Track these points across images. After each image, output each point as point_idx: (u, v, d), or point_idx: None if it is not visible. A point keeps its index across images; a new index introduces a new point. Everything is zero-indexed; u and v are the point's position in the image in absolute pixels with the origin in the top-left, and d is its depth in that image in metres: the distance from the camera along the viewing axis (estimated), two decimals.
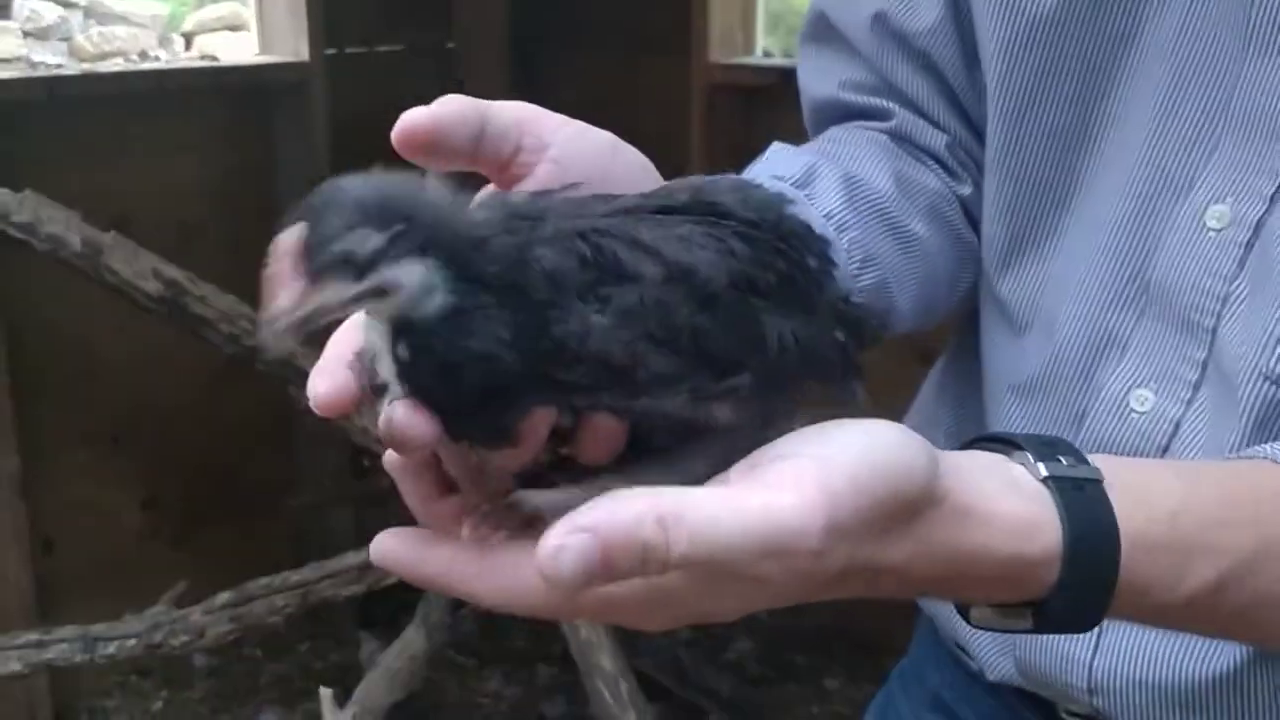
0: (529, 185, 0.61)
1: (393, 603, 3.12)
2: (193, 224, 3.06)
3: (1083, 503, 0.60)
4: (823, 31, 1.03)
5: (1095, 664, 0.89)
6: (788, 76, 1.12)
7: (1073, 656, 0.90)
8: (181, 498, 3.29)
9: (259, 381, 2.62)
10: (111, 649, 2.33)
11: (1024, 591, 0.60)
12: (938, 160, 0.99)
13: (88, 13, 3.97)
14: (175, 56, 3.81)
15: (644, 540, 0.49)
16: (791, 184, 0.88)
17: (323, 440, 3.29)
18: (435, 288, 0.52)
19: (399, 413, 0.54)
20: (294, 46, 3.20)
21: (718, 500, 0.51)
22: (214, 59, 3.33)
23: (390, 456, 0.59)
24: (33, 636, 2.32)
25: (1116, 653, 0.88)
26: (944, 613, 1.03)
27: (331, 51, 3.26)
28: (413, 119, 0.59)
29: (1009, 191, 0.94)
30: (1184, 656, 0.86)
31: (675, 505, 0.50)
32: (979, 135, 0.99)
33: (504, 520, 0.58)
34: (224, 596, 2.42)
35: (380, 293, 0.52)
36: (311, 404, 0.57)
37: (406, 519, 0.61)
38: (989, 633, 0.89)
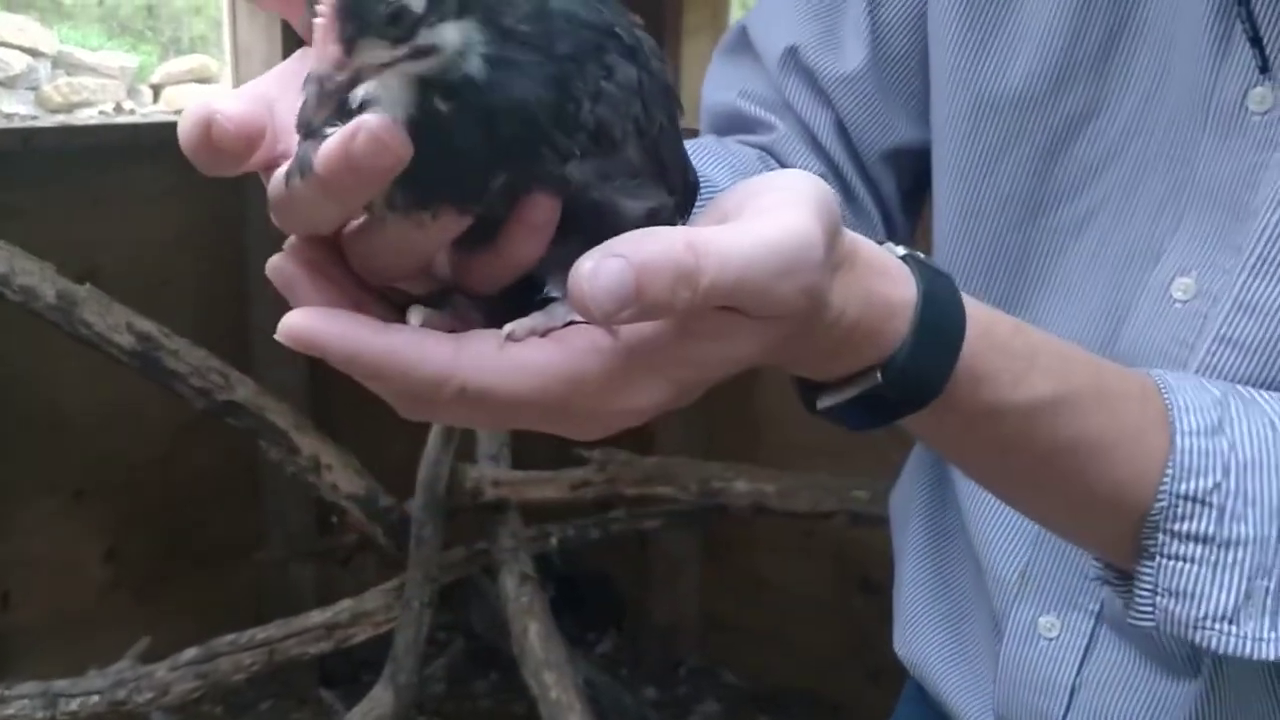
0: None
1: (354, 660, 3.10)
2: (162, 276, 3.05)
3: (937, 278, 0.62)
4: (740, 45, 1.07)
5: None
6: None
7: (1048, 715, 0.92)
8: (144, 551, 3.25)
9: (225, 435, 2.61)
10: (74, 705, 2.29)
11: (882, 344, 0.60)
12: None
13: (56, 63, 3.97)
14: (143, 107, 3.81)
15: (676, 262, 0.49)
16: None
17: (287, 495, 3.27)
18: (474, 48, 0.50)
19: (375, 122, 0.48)
20: None
21: (732, 228, 0.52)
22: None
23: (284, 266, 0.54)
24: None
25: (1089, 713, 0.90)
26: (930, 673, 1.05)
27: None
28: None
29: (966, 255, 0.96)
30: (1155, 717, 0.88)
31: (700, 232, 0.51)
32: (867, 177, 1.02)
33: (464, 314, 0.56)
34: (190, 653, 2.40)
35: (418, 54, 0.50)
36: (219, 121, 0.51)
37: (375, 581, 0.54)
38: (961, 674, 0.91)
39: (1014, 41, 0.91)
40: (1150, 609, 0.71)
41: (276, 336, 0.51)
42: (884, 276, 0.60)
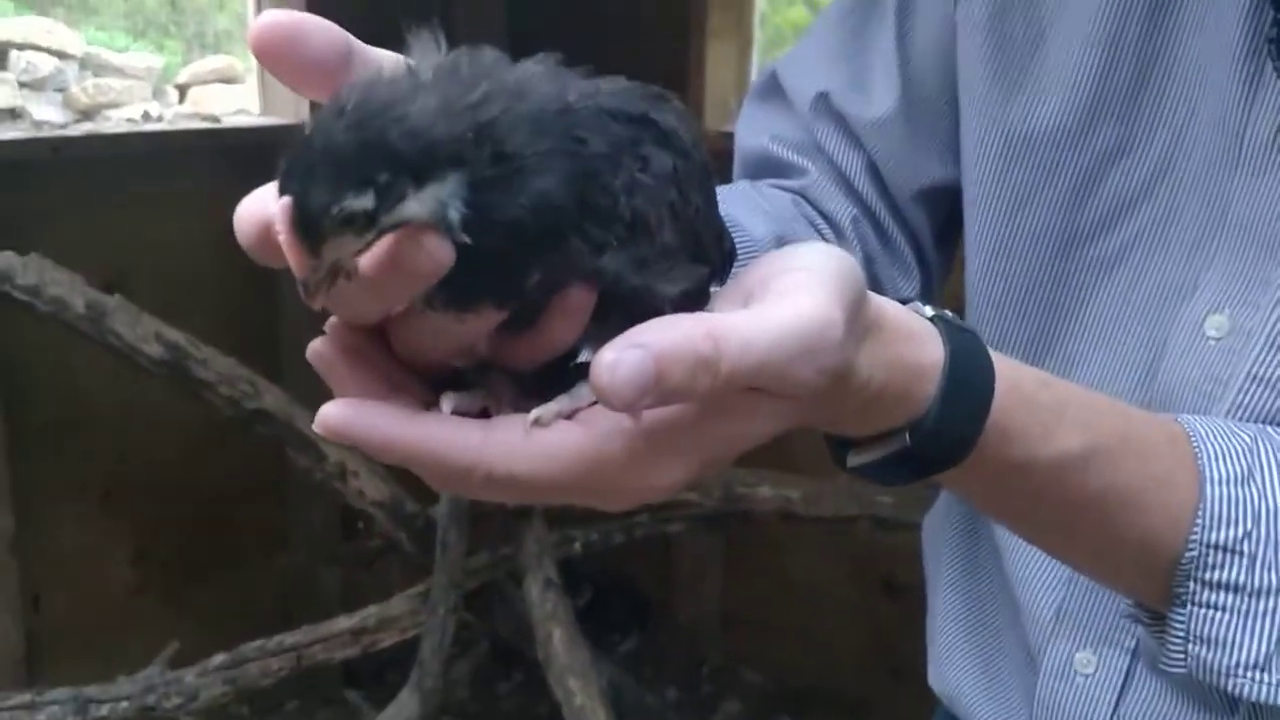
0: None
1: (379, 660, 3.11)
2: (192, 282, 3.06)
3: (965, 338, 0.63)
4: (770, 90, 1.07)
5: None
6: None
7: None
8: (172, 553, 3.28)
9: (252, 438, 2.63)
10: (104, 711, 2.31)
11: (911, 406, 0.61)
12: (836, 229, 1.01)
13: (83, 64, 3.99)
14: (169, 107, 3.83)
15: (695, 351, 0.50)
16: None
17: (313, 498, 3.29)
18: (448, 204, 0.50)
19: (419, 228, 0.50)
20: (295, 108, 3.23)
21: (752, 314, 0.53)
22: (215, 119, 3.34)
23: (324, 352, 0.56)
24: (25, 698, 2.30)
25: None
26: (965, 708, 1.05)
27: None
28: (275, 14, 0.53)
29: (999, 292, 0.96)
30: None
31: (721, 319, 0.51)
32: (900, 217, 1.02)
33: (497, 390, 0.57)
34: (218, 659, 2.42)
35: (389, 230, 0.50)
36: (281, 229, 0.50)
37: (399, 584, 0.56)
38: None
39: (1043, 80, 0.91)
40: (1182, 655, 0.71)
41: (314, 428, 0.53)
42: (910, 340, 0.61)
